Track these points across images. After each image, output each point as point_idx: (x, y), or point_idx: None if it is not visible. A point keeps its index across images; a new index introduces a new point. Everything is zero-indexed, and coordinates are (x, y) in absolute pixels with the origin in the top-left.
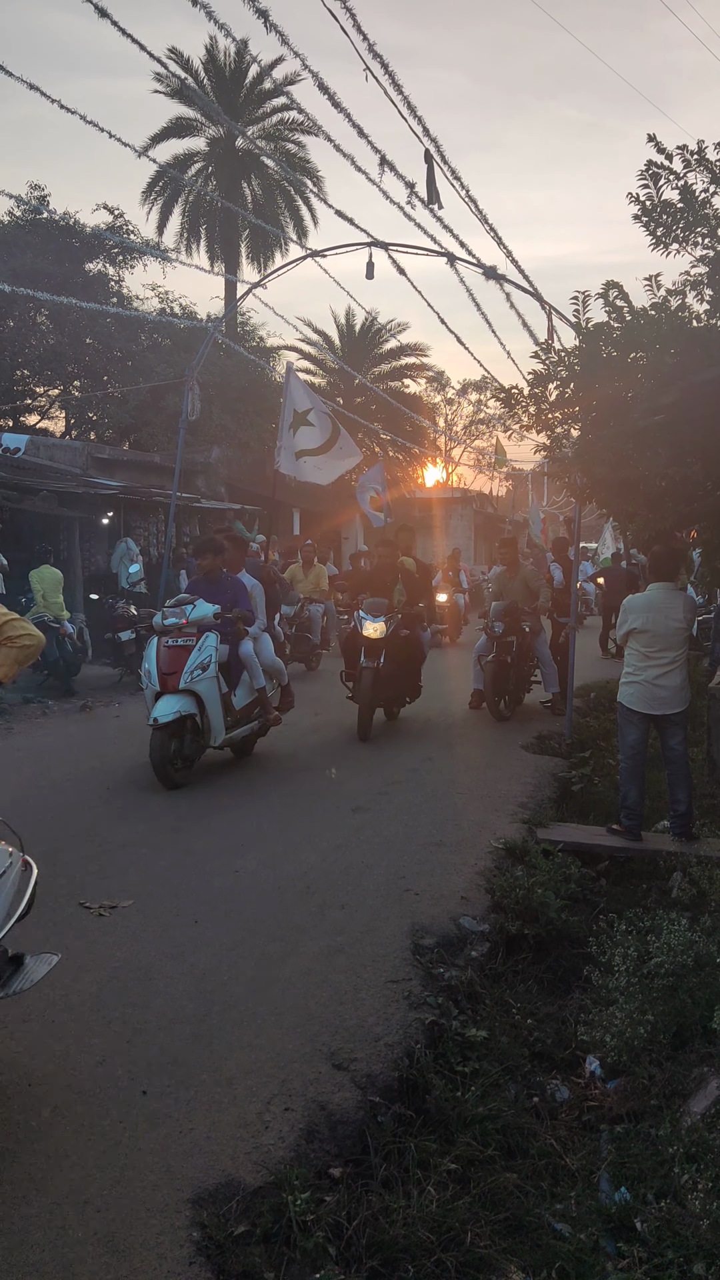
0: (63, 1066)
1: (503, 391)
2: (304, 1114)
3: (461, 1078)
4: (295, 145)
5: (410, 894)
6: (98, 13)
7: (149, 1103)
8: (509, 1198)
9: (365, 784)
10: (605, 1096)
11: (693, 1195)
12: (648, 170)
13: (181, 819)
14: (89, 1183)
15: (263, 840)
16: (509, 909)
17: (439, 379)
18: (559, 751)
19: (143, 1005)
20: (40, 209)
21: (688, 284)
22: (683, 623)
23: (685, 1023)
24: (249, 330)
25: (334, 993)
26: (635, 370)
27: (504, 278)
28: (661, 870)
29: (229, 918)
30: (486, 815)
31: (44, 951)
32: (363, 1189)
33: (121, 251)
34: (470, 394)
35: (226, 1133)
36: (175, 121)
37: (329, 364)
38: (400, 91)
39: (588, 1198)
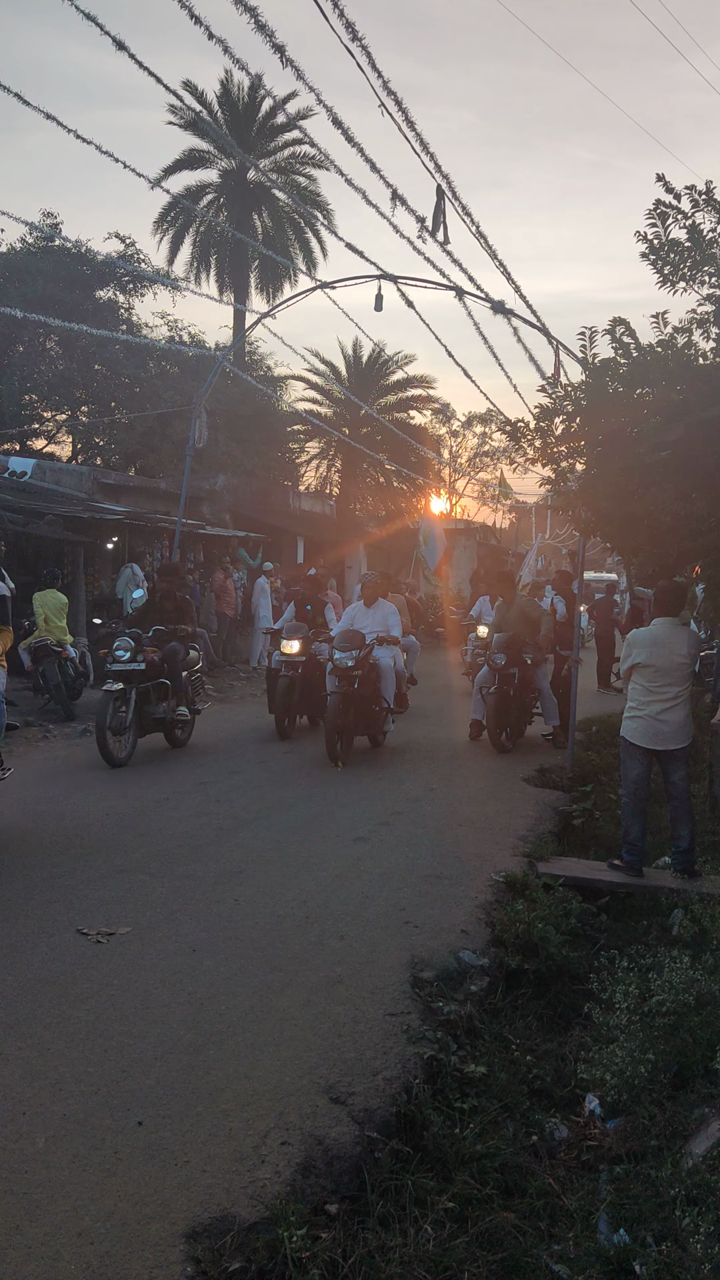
0: (58, 1095)
1: (509, 425)
2: (301, 1148)
3: (460, 1114)
4: (306, 178)
5: (410, 926)
6: (115, 46)
7: (144, 1134)
8: (506, 1238)
9: (366, 813)
10: (605, 1136)
11: (694, 1238)
12: (656, 209)
13: (180, 845)
14: (82, 1214)
15: (262, 868)
16: (509, 943)
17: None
18: (560, 785)
19: (139, 1034)
20: (53, 236)
21: (694, 322)
22: (686, 658)
23: (686, 1062)
24: (257, 359)
25: (332, 1025)
26: (641, 406)
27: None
28: (663, 907)
29: (227, 946)
30: (487, 848)
31: None
32: (359, 1226)
33: (132, 280)
34: (475, 426)
35: (222, 1166)
36: (188, 153)
37: (336, 394)
38: (413, 128)
39: (586, 1239)
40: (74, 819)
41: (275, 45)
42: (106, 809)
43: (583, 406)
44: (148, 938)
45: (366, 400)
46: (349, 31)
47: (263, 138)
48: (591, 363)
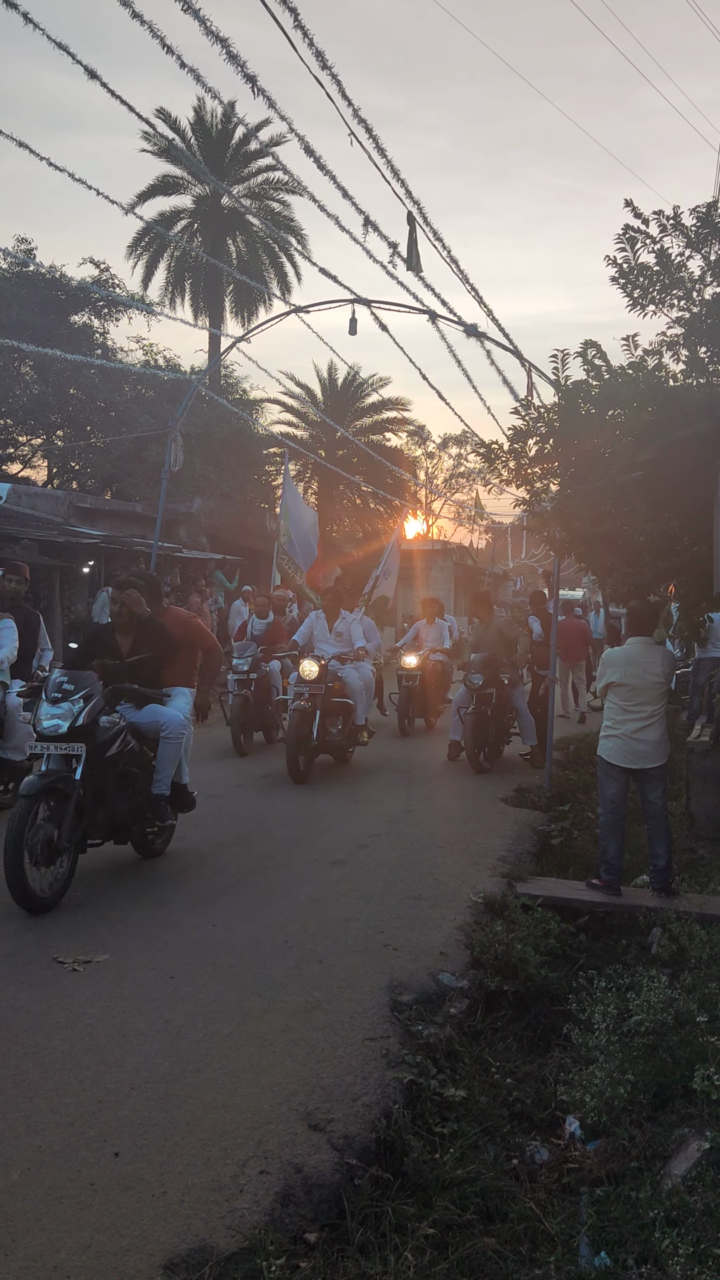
0: (33, 1127)
1: (483, 446)
2: (279, 1176)
3: (440, 1139)
4: (280, 204)
5: (389, 949)
6: (87, 74)
7: (121, 1165)
8: (488, 1263)
9: (344, 836)
10: (585, 1158)
11: (674, 1260)
12: (625, 234)
13: (157, 871)
14: (59, 1247)
15: (240, 893)
16: (488, 965)
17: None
18: (538, 804)
19: (116, 1064)
20: (27, 262)
21: (664, 344)
22: (661, 677)
23: (666, 1082)
24: (232, 383)
25: (311, 1050)
26: (613, 427)
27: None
28: (641, 925)
29: (205, 972)
30: (466, 869)
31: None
32: (339, 1254)
33: (107, 305)
34: (451, 448)
35: (200, 1196)
36: (162, 179)
37: (311, 417)
38: (384, 155)
39: (567, 1263)
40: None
41: (247, 75)
42: None
43: (556, 428)
44: (125, 965)
45: (342, 423)
46: (319, 60)
47: (236, 164)
48: (564, 385)
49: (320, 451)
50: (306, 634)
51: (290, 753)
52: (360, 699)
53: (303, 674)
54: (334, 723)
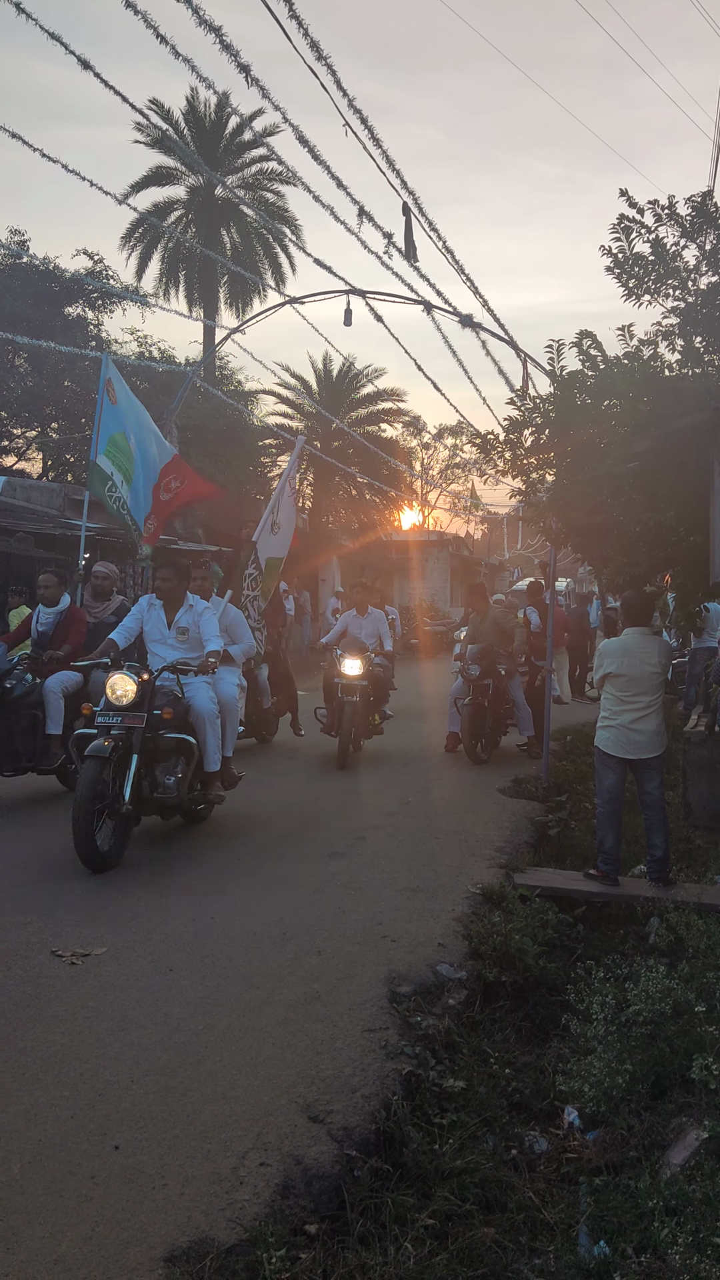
0: (33, 1120)
1: (479, 437)
2: (279, 1168)
3: (439, 1130)
4: (274, 194)
5: (387, 940)
6: (80, 64)
7: (121, 1158)
8: (487, 1253)
9: (342, 828)
10: (584, 1148)
11: (672, 1250)
12: (620, 224)
13: (155, 864)
14: (60, 1240)
15: (238, 885)
16: (486, 955)
17: (415, 424)
18: (536, 795)
19: (115, 1057)
20: (20, 254)
21: (659, 334)
22: (658, 667)
23: (664, 1072)
24: (227, 374)
25: (310, 1042)
26: (609, 418)
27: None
28: (639, 915)
29: (204, 965)
30: (463, 860)
31: None
32: (339, 1246)
33: (101, 296)
34: (446, 439)
35: (200, 1188)
36: (155, 170)
37: (307, 408)
38: (379, 145)
39: (567, 1252)
40: (44, 840)
41: (240, 65)
42: None
43: (551, 419)
44: (123, 958)
45: (337, 414)
46: (314, 51)
47: (230, 154)
48: (559, 375)
49: (316, 443)
50: (131, 630)
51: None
52: (210, 731)
53: (110, 694)
54: (168, 769)
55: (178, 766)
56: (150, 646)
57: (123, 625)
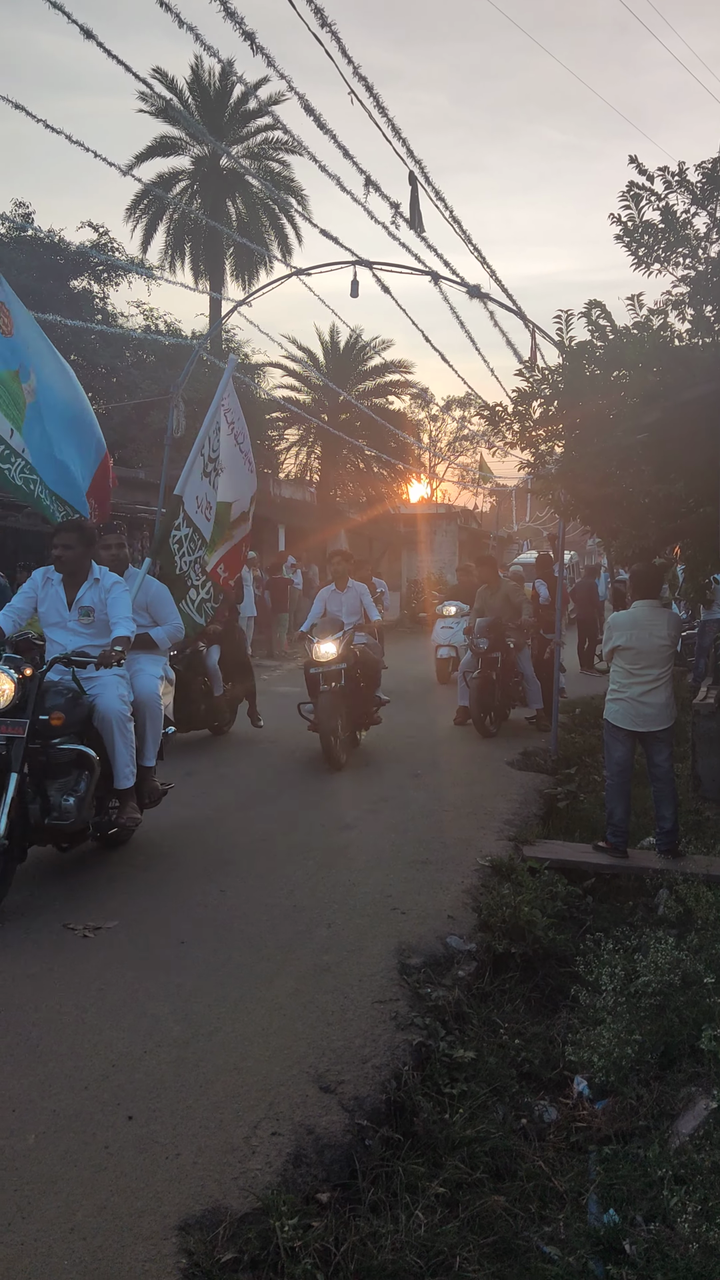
0: (47, 1091)
1: (487, 409)
2: (291, 1138)
3: (449, 1099)
4: (279, 164)
5: (397, 912)
6: (83, 34)
7: (135, 1128)
8: (497, 1221)
9: (351, 801)
10: (593, 1117)
11: (682, 1218)
12: (629, 191)
13: (166, 837)
14: (75, 1209)
15: (249, 858)
16: (496, 927)
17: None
18: (545, 768)
19: (128, 1028)
20: (25, 226)
21: (669, 303)
22: (667, 639)
23: (673, 1042)
24: (234, 347)
25: (321, 1014)
26: (618, 388)
27: (487, 296)
28: (648, 887)
29: (215, 937)
30: (473, 832)
31: None
32: (350, 1214)
33: (106, 269)
34: (454, 410)
35: (213, 1158)
36: (160, 140)
37: (314, 381)
38: (384, 113)
39: (576, 1220)
40: None
41: (245, 33)
42: None
43: (560, 390)
44: (135, 930)
45: (345, 386)
46: (318, 17)
47: (235, 124)
48: (568, 346)
49: (323, 416)
50: (21, 611)
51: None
52: (120, 738)
53: None
54: (65, 788)
55: (78, 784)
56: (47, 632)
57: (10, 605)
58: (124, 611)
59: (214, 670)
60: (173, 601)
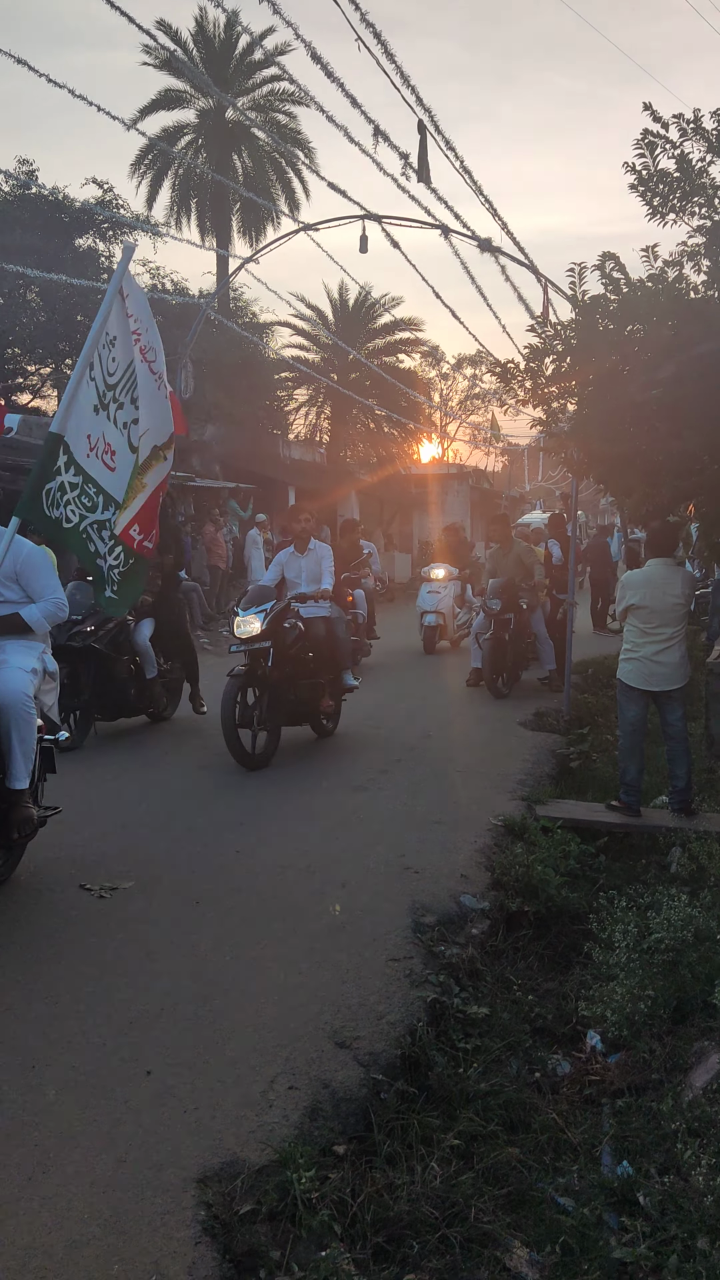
0: (67, 1048)
1: (499, 366)
2: (307, 1092)
3: (463, 1054)
4: (286, 116)
5: (410, 872)
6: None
7: (153, 1083)
8: (512, 1172)
9: (364, 763)
10: (606, 1071)
11: (696, 1171)
12: (644, 139)
13: (180, 799)
14: (95, 1163)
15: (263, 819)
16: (509, 886)
17: (434, 354)
18: (557, 728)
19: (145, 987)
20: (29, 184)
21: (685, 255)
22: (681, 598)
23: (685, 997)
24: (242, 306)
25: (336, 972)
26: (632, 343)
27: (499, 250)
28: (661, 845)
29: (230, 897)
30: (485, 793)
31: None
32: (366, 1166)
33: (111, 226)
34: (465, 369)
35: (231, 1112)
36: (164, 93)
37: (323, 340)
38: (393, 60)
39: (590, 1172)
40: (72, 776)
41: None
42: (104, 764)
43: (573, 345)
44: (151, 891)
45: (354, 345)
46: None
47: (240, 75)
48: (581, 300)
49: (332, 375)
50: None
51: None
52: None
53: None
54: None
55: None
56: None
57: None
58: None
59: (144, 648)
60: (52, 570)
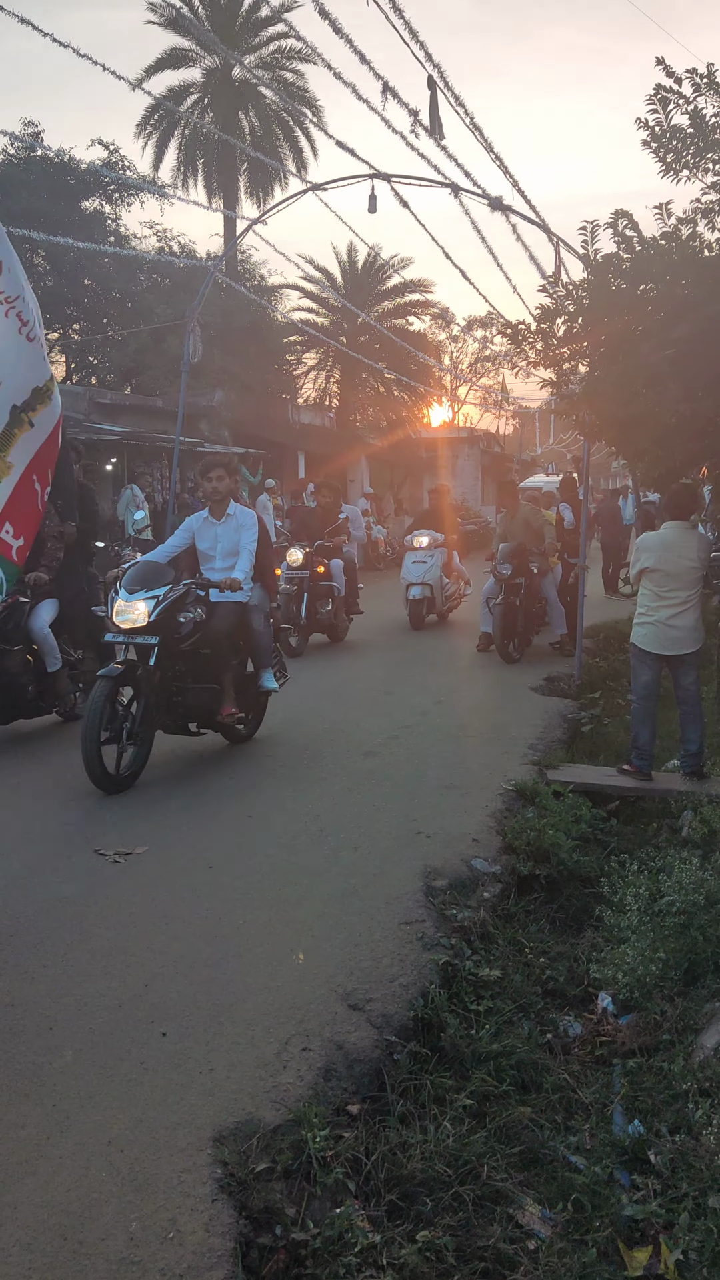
0: (83, 1010)
1: (509, 328)
2: (321, 1053)
3: (475, 1016)
4: (293, 74)
5: (422, 836)
6: None
7: (169, 1045)
8: (524, 1131)
9: (375, 728)
10: (618, 1032)
11: (707, 1130)
12: (656, 94)
13: (192, 765)
14: (112, 1123)
15: (274, 784)
16: (520, 850)
17: (444, 316)
18: (568, 693)
19: (160, 950)
20: (34, 146)
21: (699, 212)
22: (696, 561)
23: (697, 959)
24: (249, 268)
25: (348, 935)
26: (645, 303)
27: (510, 209)
28: (672, 809)
29: (243, 862)
30: (496, 757)
31: None
32: (380, 1125)
33: (118, 188)
34: (476, 331)
35: (246, 1073)
36: (170, 52)
37: (332, 302)
38: (401, 15)
39: (602, 1131)
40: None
41: None
42: None
43: (585, 306)
44: (164, 856)
45: (363, 307)
46: None
47: (247, 33)
48: (593, 259)
49: (342, 338)
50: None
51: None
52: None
53: None
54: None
55: None
56: None
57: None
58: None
59: (43, 636)
60: None
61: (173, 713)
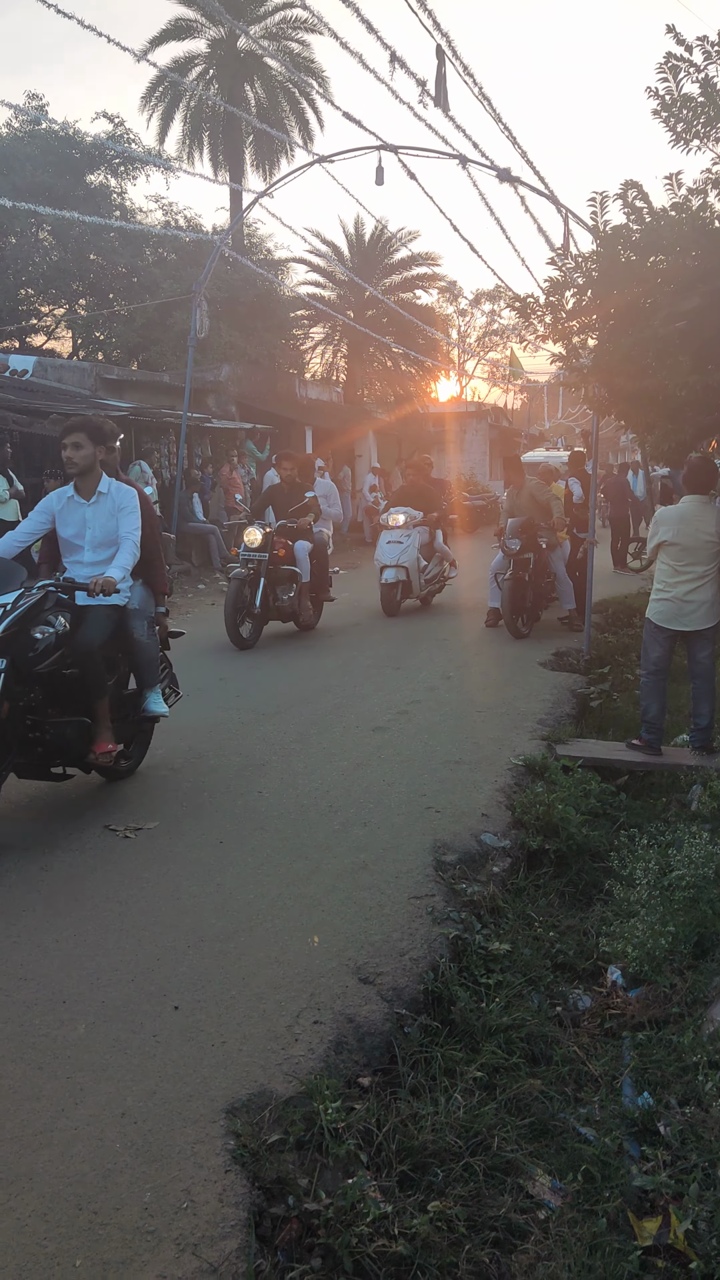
0: (96, 984)
1: (518, 301)
2: (332, 1026)
3: (485, 989)
4: (299, 44)
5: (431, 811)
6: None
7: (181, 1018)
8: (534, 1103)
9: (384, 703)
10: (627, 1005)
11: (716, 1101)
12: (666, 63)
13: (202, 740)
14: (125, 1095)
15: (284, 760)
16: (530, 825)
17: (452, 289)
18: (577, 668)
19: (171, 924)
20: (39, 119)
21: (710, 182)
22: (714, 536)
23: (706, 933)
24: (256, 242)
25: (359, 909)
26: (655, 275)
27: (518, 180)
28: (682, 784)
29: (253, 837)
30: (506, 732)
31: None
32: (391, 1097)
33: (123, 161)
34: (484, 304)
35: (258, 1045)
36: (175, 23)
37: (339, 276)
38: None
39: (611, 1103)
40: None
41: None
42: None
43: (594, 278)
44: (175, 831)
45: (371, 281)
46: None
47: (253, 2)
48: (603, 231)
49: (349, 313)
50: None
51: None
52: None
53: None
54: None
55: None
56: None
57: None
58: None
59: None
60: None
61: (28, 754)
